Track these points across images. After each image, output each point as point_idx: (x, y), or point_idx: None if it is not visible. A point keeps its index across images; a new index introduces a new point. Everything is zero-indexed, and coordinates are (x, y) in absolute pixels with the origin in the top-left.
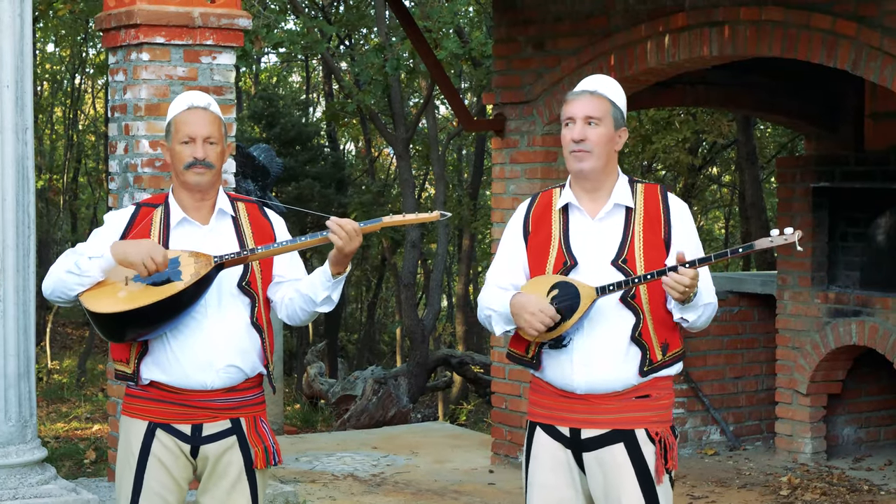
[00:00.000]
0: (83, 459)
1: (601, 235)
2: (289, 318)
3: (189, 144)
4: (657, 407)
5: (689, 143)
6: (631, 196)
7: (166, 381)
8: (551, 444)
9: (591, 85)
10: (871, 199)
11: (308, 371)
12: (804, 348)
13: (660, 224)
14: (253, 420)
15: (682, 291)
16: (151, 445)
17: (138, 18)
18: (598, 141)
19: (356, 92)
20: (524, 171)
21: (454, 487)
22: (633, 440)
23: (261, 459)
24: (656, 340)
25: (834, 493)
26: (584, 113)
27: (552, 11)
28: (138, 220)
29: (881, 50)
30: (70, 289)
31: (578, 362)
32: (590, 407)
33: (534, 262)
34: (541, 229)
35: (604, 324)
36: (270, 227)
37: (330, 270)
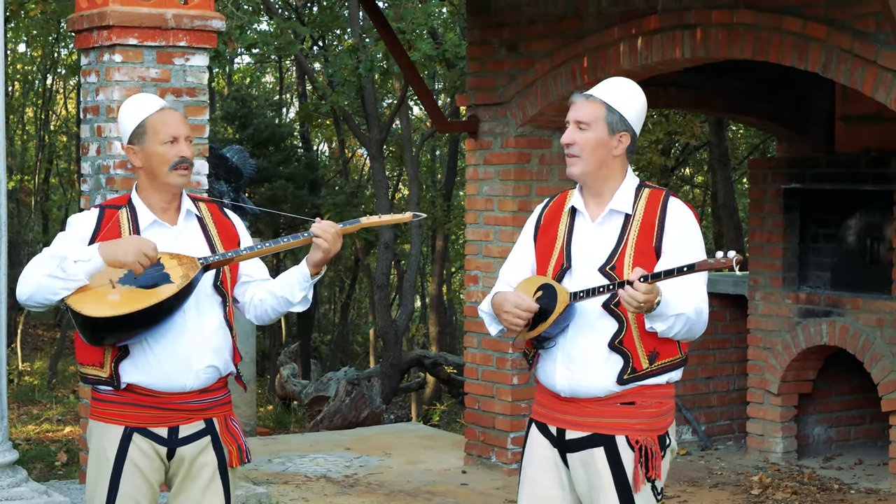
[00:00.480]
0: (54, 462)
1: (598, 240)
2: (257, 318)
3: (173, 144)
4: (642, 415)
5: (662, 145)
6: (632, 202)
7: (146, 384)
8: (542, 441)
9: (594, 89)
10: (842, 201)
11: (281, 372)
12: (775, 348)
13: (653, 231)
14: (224, 419)
15: (636, 306)
16: (128, 450)
17: (111, 20)
18: (584, 145)
19: (330, 93)
20: (497, 172)
21: (427, 488)
22: (613, 446)
23: (235, 458)
24: (642, 349)
25: (804, 492)
26: (574, 117)
27: (525, 14)
28: (104, 222)
29: (851, 53)
30: (54, 293)
31: (561, 365)
32: (575, 409)
33: (540, 262)
34: (549, 230)
35: (587, 329)
36: (233, 226)
37: (309, 271)
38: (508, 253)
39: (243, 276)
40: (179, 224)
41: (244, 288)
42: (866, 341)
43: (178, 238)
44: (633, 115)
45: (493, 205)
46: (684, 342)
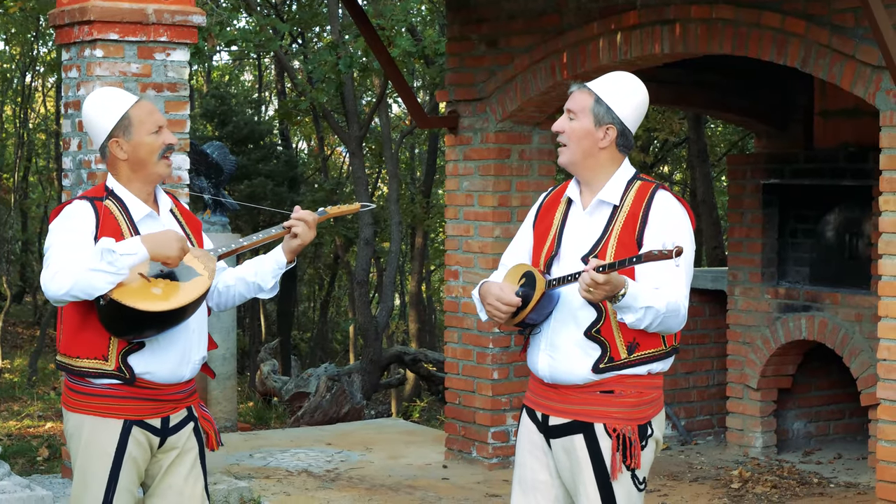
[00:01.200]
0: (36, 457)
1: (586, 230)
2: (219, 305)
3: (160, 133)
4: (620, 404)
5: (641, 141)
6: (621, 194)
7: (150, 377)
8: (531, 426)
9: (592, 81)
10: (820, 196)
11: (261, 369)
12: (754, 343)
13: (636, 223)
14: (198, 406)
15: (591, 294)
16: (128, 444)
17: (92, 15)
18: (571, 134)
19: (309, 90)
20: (477, 167)
21: (408, 483)
22: (592, 433)
23: (213, 441)
24: (620, 339)
25: (784, 485)
26: (566, 106)
27: (505, 9)
28: (100, 214)
29: (830, 47)
30: (97, 288)
31: (544, 352)
32: (557, 395)
33: (535, 249)
34: (546, 218)
35: (568, 317)
36: (194, 215)
37: (285, 258)
38: (488, 248)
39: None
40: (163, 215)
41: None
42: (845, 336)
43: (165, 228)
44: (623, 109)
45: (473, 200)
46: (669, 335)
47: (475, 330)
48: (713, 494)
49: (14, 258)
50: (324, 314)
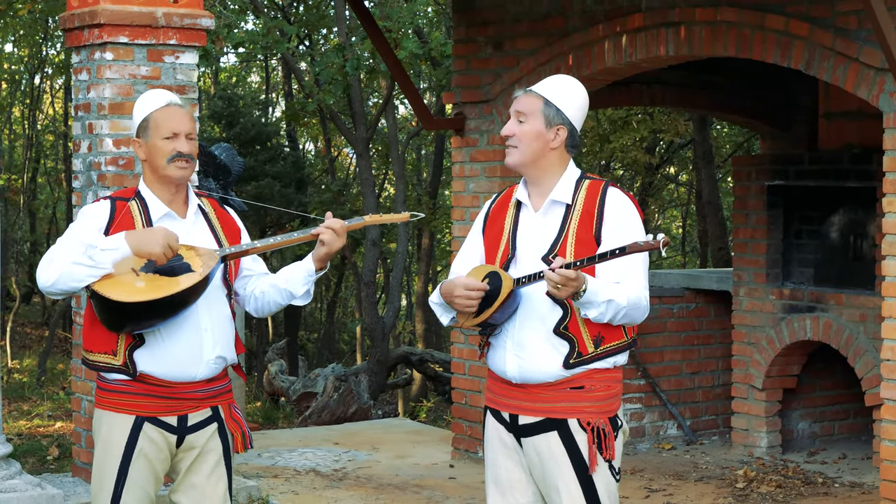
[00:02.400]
0: (46, 456)
1: (541, 231)
2: (257, 310)
3: (172, 139)
4: (591, 398)
5: (647, 143)
6: (572, 193)
7: (158, 374)
8: (497, 427)
9: (537, 85)
10: (825, 198)
11: (269, 369)
12: (759, 344)
13: (592, 220)
14: (229, 407)
15: (555, 288)
16: (138, 440)
17: (102, 18)
18: (521, 137)
19: (316, 91)
20: (484, 169)
21: (415, 482)
22: (567, 429)
23: (239, 443)
24: (587, 334)
25: (789, 485)
26: (514, 109)
27: (511, 12)
28: (117, 213)
29: (833, 50)
30: (79, 280)
31: (511, 352)
32: (526, 394)
33: (488, 255)
34: (496, 223)
35: (533, 316)
36: (234, 220)
37: (314, 266)
38: None
39: (244, 270)
40: (189, 217)
41: (245, 281)
42: (850, 336)
43: (191, 231)
44: (571, 110)
45: (479, 201)
46: (629, 327)
47: None
48: (718, 494)
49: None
50: (331, 315)
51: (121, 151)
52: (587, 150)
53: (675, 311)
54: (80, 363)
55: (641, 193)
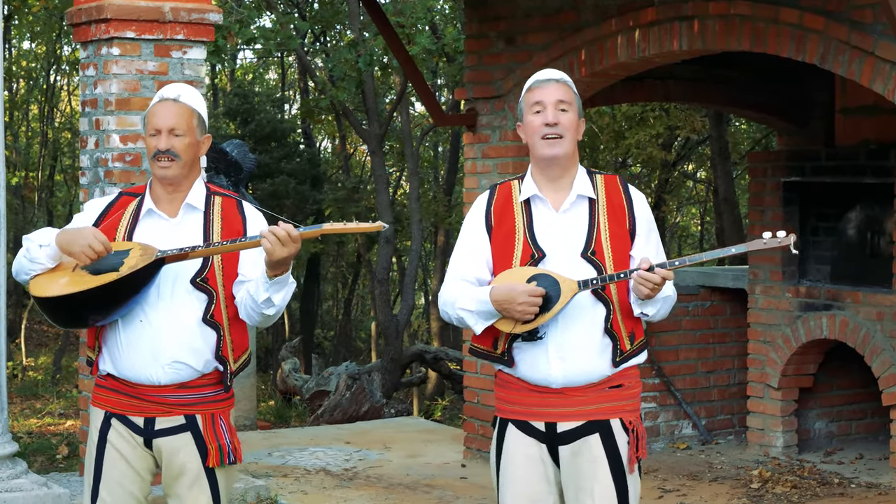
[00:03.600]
0: (56, 455)
1: (567, 227)
2: (247, 318)
3: (155, 136)
4: (628, 396)
5: (663, 139)
6: (592, 187)
7: (116, 373)
8: (525, 439)
9: (556, 74)
10: (841, 194)
11: (282, 367)
12: (775, 342)
13: (624, 215)
14: (211, 417)
15: (652, 288)
16: (108, 434)
17: (109, 13)
18: (569, 126)
19: (330, 88)
20: (496, 165)
21: (426, 482)
22: (609, 431)
23: (214, 458)
24: (625, 331)
25: (804, 486)
26: (555, 97)
27: (522, 7)
28: (115, 208)
29: (849, 44)
30: (26, 273)
31: (555, 356)
32: (565, 400)
33: (498, 256)
34: (504, 222)
35: (578, 316)
36: (242, 223)
37: (266, 273)
38: None
39: (239, 276)
40: (179, 216)
41: (238, 287)
42: (867, 335)
43: (175, 230)
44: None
45: None
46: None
47: None
48: (732, 494)
49: None
50: (347, 313)
51: (128, 147)
52: (603, 147)
53: (690, 310)
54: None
55: (658, 190)
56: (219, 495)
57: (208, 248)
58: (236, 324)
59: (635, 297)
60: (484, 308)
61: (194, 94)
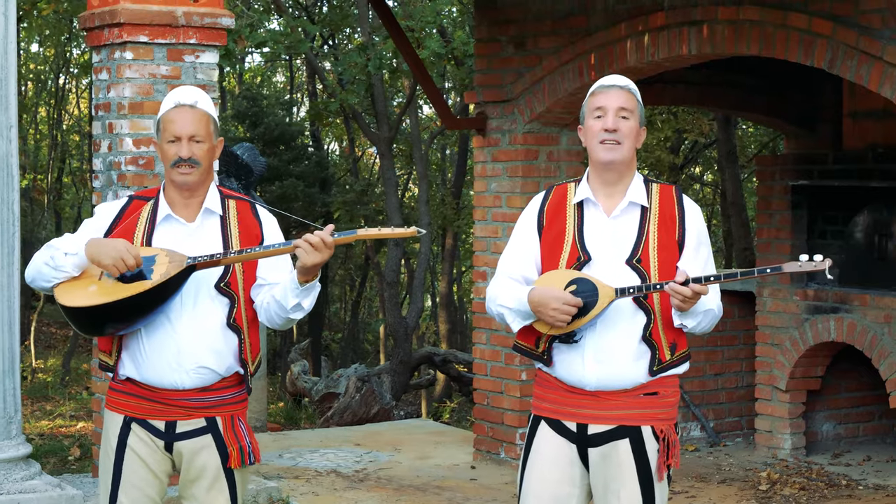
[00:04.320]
0: (67, 456)
1: (616, 233)
2: (267, 321)
3: (175, 143)
4: (664, 405)
5: (671, 142)
6: (646, 195)
7: (139, 378)
8: (556, 438)
9: (621, 81)
10: (849, 198)
11: (292, 369)
12: (783, 345)
13: (674, 225)
14: (230, 419)
15: (683, 300)
16: (128, 438)
17: (122, 17)
18: (629, 133)
19: (339, 91)
20: (505, 169)
21: (436, 483)
22: (639, 437)
23: (235, 459)
24: (665, 341)
25: (812, 487)
26: (617, 104)
27: (533, 11)
28: (127, 213)
29: (857, 48)
30: (47, 280)
31: (590, 359)
32: (598, 403)
33: (547, 256)
34: (555, 223)
35: (617, 322)
36: (259, 227)
37: (297, 279)
38: None
39: (259, 279)
40: (197, 221)
41: (258, 290)
42: (874, 338)
43: (194, 235)
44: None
45: (501, 201)
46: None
47: (503, 331)
48: (741, 496)
49: None
50: (355, 315)
51: (140, 151)
52: None
53: None
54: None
55: None
56: (236, 496)
57: (240, 255)
58: (254, 327)
59: (675, 309)
60: (522, 308)
61: (207, 98)
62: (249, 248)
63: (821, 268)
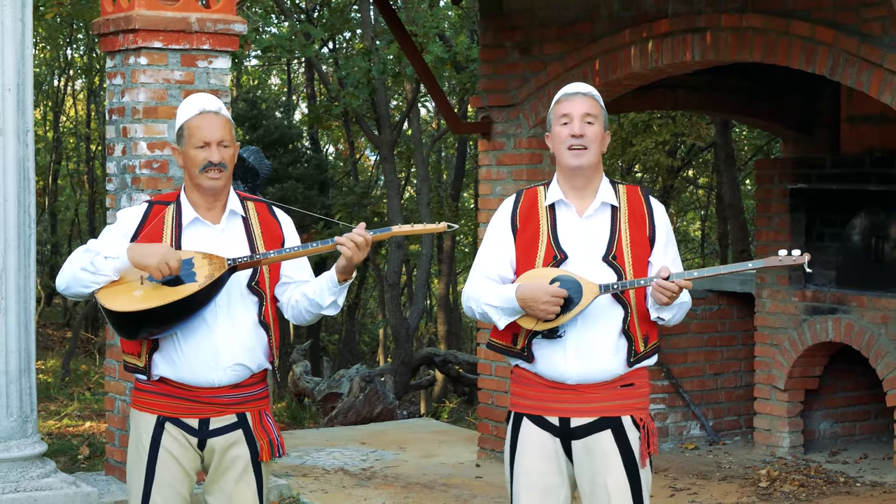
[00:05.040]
0: (77, 455)
1: (589, 232)
2: (294, 318)
3: (204, 149)
4: (639, 395)
5: (668, 146)
6: (615, 196)
7: (175, 378)
8: (539, 433)
9: (584, 88)
10: (847, 201)
11: (294, 370)
12: (782, 345)
13: (644, 223)
14: (258, 414)
15: (670, 296)
16: (161, 438)
17: (137, 24)
18: (594, 138)
19: (342, 94)
20: (510, 172)
21: (443, 481)
22: (620, 427)
23: (266, 452)
24: (640, 333)
25: (811, 484)
26: (582, 111)
27: (538, 17)
28: (150, 217)
29: (858, 56)
30: (85, 286)
31: (572, 353)
32: (579, 396)
33: (522, 257)
34: (529, 225)
35: (597, 317)
36: (279, 226)
37: (336, 277)
38: None
39: (283, 277)
40: (222, 223)
41: (283, 288)
42: (871, 338)
43: (220, 237)
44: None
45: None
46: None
47: None
48: (742, 493)
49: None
50: (351, 316)
51: (154, 154)
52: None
53: (698, 313)
54: (113, 363)
55: (662, 195)
56: (262, 489)
57: (279, 255)
58: (277, 324)
59: (653, 303)
60: (508, 305)
61: (223, 104)
62: (288, 248)
63: (800, 262)
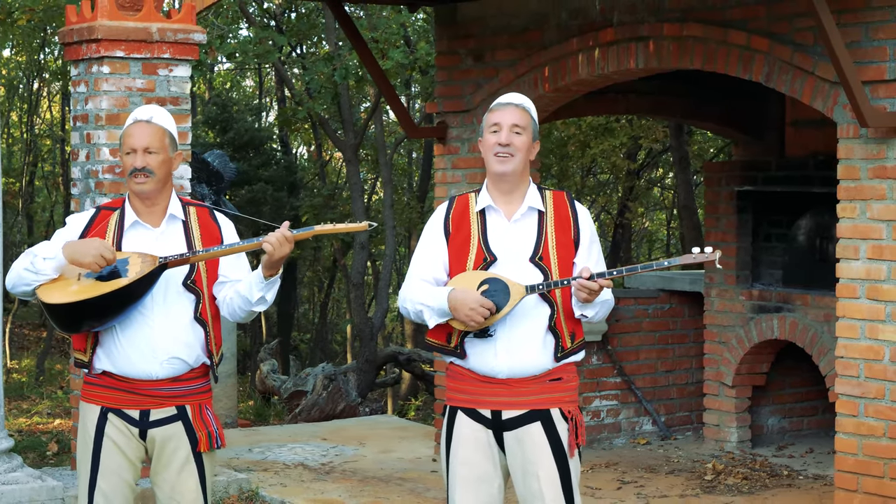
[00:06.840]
0: (46, 451)
1: (517, 235)
2: (230, 315)
3: (131, 155)
4: (567, 388)
5: (627, 148)
6: (542, 201)
7: (115, 371)
8: (473, 425)
9: (516, 99)
10: (792, 203)
11: (261, 368)
12: (730, 343)
13: (570, 226)
14: (199, 407)
15: (590, 294)
16: (105, 428)
17: (99, 33)
18: (521, 147)
19: (307, 99)
20: (465, 175)
21: (399, 475)
22: (549, 419)
23: (204, 443)
24: (566, 330)
25: (755, 477)
26: (511, 121)
27: (490, 26)
28: (96, 222)
29: (791, 64)
30: (28, 284)
31: (502, 350)
32: (510, 390)
33: (454, 259)
34: (461, 229)
35: (525, 315)
36: (218, 230)
37: (262, 273)
38: None
39: (220, 276)
40: (162, 226)
41: (220, 287)
42: (814, 335)
43: (159, 239)
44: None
45: None
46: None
47: None
48: (687, 486)
49: None
50: (323, 316)
51: (117, 160)
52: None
53: (650, 312)
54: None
55: (623, 198)
56: (204, 479)
57: (209, 252)
58: (217, 321)
59: (576, 301)
60: (439, 306)
61: (165, 114)
62: (217, 246)
63: (712, 258)
